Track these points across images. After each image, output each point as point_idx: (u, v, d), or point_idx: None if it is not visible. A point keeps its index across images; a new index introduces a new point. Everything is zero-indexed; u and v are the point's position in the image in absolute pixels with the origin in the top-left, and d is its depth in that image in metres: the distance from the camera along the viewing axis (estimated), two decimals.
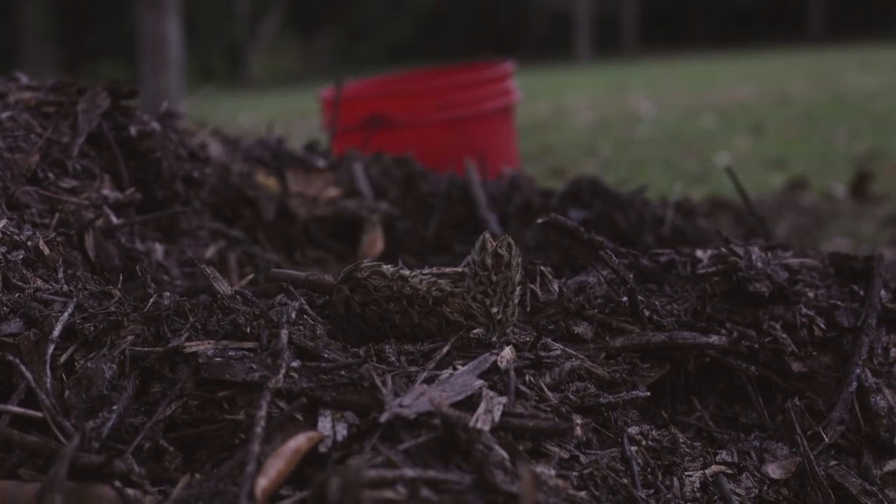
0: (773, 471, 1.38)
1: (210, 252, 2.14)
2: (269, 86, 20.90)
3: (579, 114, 10.27)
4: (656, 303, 1.57)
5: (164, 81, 8.84)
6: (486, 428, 1.14)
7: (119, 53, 21.88)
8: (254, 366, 1.22)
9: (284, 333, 1.27)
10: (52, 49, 23.92)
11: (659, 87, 13.16)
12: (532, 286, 1.59)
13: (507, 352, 1.31)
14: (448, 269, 1.49)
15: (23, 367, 1.23)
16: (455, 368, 1.27)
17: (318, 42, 26.65)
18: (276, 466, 1.09)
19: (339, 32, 27.37)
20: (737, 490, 1.33)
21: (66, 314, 1.31)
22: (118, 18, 22.44)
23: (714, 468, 1.35)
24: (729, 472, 1.36)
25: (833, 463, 1.42)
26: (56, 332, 1.28)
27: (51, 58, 23.20)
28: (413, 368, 1.27)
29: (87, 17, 24.94)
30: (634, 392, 1.38)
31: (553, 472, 1.15)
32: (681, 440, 1.36)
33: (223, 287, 1.40)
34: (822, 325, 1.59)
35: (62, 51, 24.61)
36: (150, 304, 1.35)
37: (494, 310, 1.37)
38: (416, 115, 3.70)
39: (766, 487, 1.35)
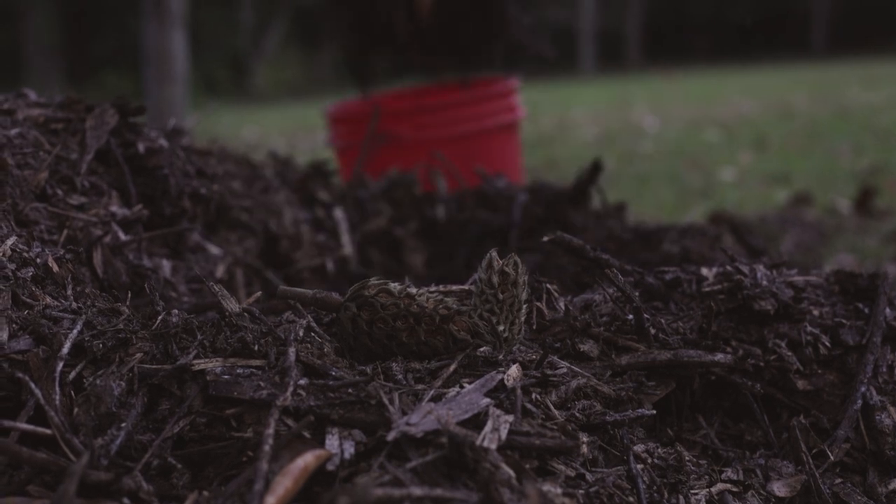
0: (779, 489, 1.38)
1: (220, 270, 2.15)
2: (273, 98, 20.93)
3: (583, 128, 10.28)
4: (662, 321, 1.58)
5: (170, 94, 8.85)
6: (493, 446, 1.14)
7: (123, 63, 21.90)
8: (262, 383, 1.23)
9: (292, 351, 1.28)
10: (55, 59, 23.96)
11: (662, 101, 13.18)
12: (538, 304, 1.59)
13: (514, 370, 1.32)
14: (455, 287, 1.49)
15: (32, 385, 1.24)
16: (462, 387, 1.27)
17: (322, 54, 26.69)
18: (283, 484, 1.09)
19: None
20: None
21: (74, 331, 1.31)
22: (121, 28, 22.49)
23: (720, 486, 1.35)
24: (734, 490, 1.36)
25: (838, 481, 1.42)
26: (65, 350, 1.28)
27: (55, 68, 23.24)
28: (420, 386, 1.27)
29: (91, 27, 24.98)
30: (640, 410, 1.38)
31: (559, 490, 1.15)
32: (686, 458, 1.37)
33: (231, 304, 1.41)
34: (827, 343, 1.60)
35: (66, 61, 24.65)
36: (158, 321, 1.35)
37: (501, 328, 1.38)
38: (421, 131, 3.70)
39: None
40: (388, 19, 3.76)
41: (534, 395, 1.31)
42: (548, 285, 1.63)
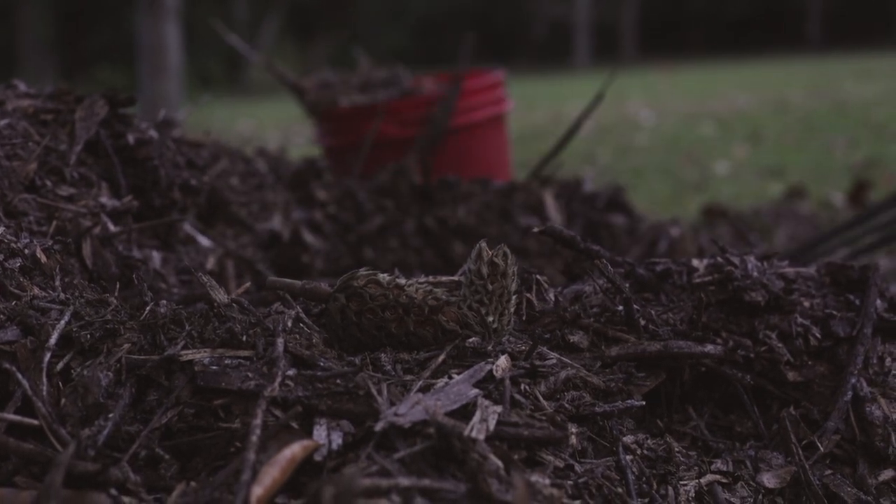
0: (769, 480, 1.38)
1: (210, 262, 2.14)
2: (268, 92, 20.91)
3: None
4: (652, 312, 1.58)
5: (163, 88, 8.84)
6: (481, 437, 1.14)
7: (118, 58, 21.88)
8: (249, 374, 1.23)
9: (280, 342, 1.28)
10: (50, 54, 23.95)
11: (658, 95, 13.18)
12: (528, 295, 1.59)
13: (503, 361, 1.32)
14: (444, 278, 1.49)
15: (19, 375, 1.23)
16: (450, 377, 1.27)
17: (317, 49, 26.67)
18: (271, 475, 1.09)
19: (338, 39, 27.40)
20: (732, 499, 1.33)
21: (62, 322, 1.31)
22: (116, 23, 22.47)
23: (709, 477, 1.35)
24: (724, 481, 1.36)
25: (828, 472, 1.42)
26: (52, 340, 1.28)
27: (49, 62, 23.22)
28: (408, 377, 1.27)
29: (86, 22, 24.96)
30: (630, 401, 1.38)
31: (548, 481, 1.15)
32: (676, 449, 1.37)
33: (220, 295, 1.40)
34: (818, 335, 1.60)
35: (60, 55, 24.63)
36: (146, 312, 1.35)
37: (490, 319, 1.38)
38: (407, 128, 3.66)
39: (761, 497, 1.35)
40: None
41: (523, 386, 1.31)
42: (538, 276, 1.62)
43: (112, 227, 1.88)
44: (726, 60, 20.52)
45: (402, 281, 1.40)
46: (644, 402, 1.41)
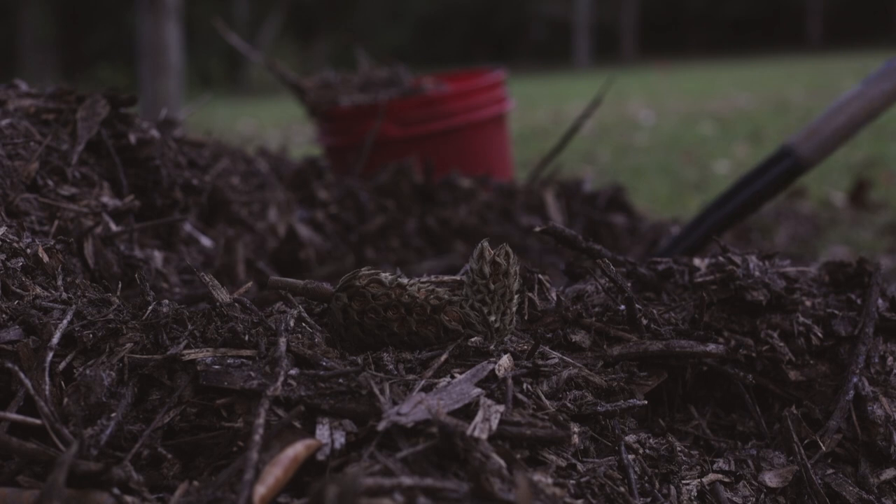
0: (770, 479, 1.38)
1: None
2: (268, 92, 20.92)
3: None
4: (654, 311, 1.58)
5: (164, 87, 8.81)
6: (484, 436, 1.14)
7: (118, 58, 21.90)
8: (252, 374, 1.23)
9: (283, 341, 1.28)
10: (50, 53, 23.96)
11: (657, 94, 13.18)
12: (530, 294, 1.59)
13: (505, 360, 1.32)
14: (446, 278, 1.49)
15: (21, 375, 1.23)
16: (453, 377, 1.27)
17: (317, 48, 26.68)
18: (273, 474, 1.09)
19: (338, 38, 27.41)
20: (734, 499, 1.33)
21: (64, 321, 1.31)
22: (116, 23, 22.49)
23: (711, 476, 1.35)
24: (726, 480, 1.36)
25: (830, 471, 1.42)
26: (55, 340, 1.28)
27: (49, 62, 23.24)
28: (411, 377, 1.27)
29: (86, 22, 24.97)
30: (632, 400, 1.38)
31: (550, 480, 1.15)
32: (678, 448, 1.37)
33: (222, 295, 1.40)
34: (820, 334, 1.60)
35: (61, 55, 24.64)
36: (148, 311, 1.35)
37: (492, 318, 1.38)
38: (408, 128, 3.67)
39: (763, 496, 1.36)
40: None
41: (525, 386, 1.31)
42: (539, 276, 1.62)
43: (114, 227, 1.88)
44: (726, 60, 20.52)
45: (405, 280, 1.40)
46: (646, 402, 1.41)
